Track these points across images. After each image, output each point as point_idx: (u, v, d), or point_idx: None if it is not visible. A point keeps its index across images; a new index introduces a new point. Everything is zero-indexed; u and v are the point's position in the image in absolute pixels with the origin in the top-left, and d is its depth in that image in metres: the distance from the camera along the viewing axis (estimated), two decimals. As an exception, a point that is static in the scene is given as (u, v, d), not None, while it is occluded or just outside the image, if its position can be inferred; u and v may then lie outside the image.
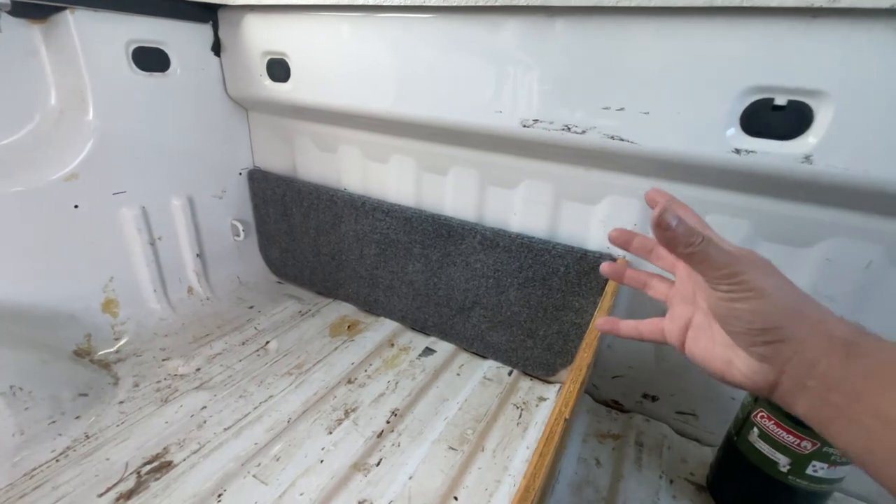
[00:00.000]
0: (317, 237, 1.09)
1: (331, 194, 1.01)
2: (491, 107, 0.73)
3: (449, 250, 0.90)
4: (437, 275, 0.94)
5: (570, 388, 0.44)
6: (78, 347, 0.87)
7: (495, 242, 0.84)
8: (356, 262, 1.05)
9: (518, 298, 0.86)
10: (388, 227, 0.95)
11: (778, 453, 0.57)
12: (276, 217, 1.14)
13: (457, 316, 0.96)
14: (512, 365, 0.93)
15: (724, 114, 0.57)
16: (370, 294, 1.07)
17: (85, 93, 0.81)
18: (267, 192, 1.12)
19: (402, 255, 0.96)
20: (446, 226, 0.88)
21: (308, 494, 0.65)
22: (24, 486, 0.64)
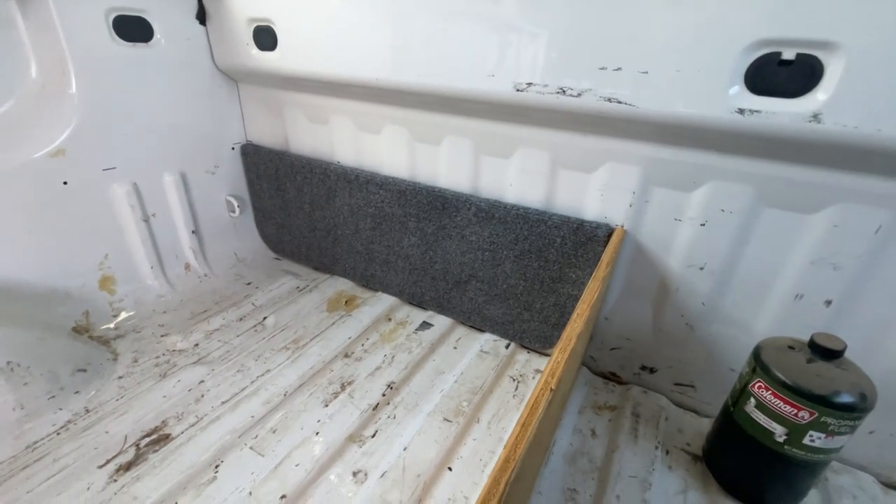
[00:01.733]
0: (311, 212, 1.07)
1: (324, 168, 0.99)
2: (483, 71, 0.69)
3: (444, 223, 0.88)
4: (433, 248, 0.93)
5: (557, 358, 0.43)
6: (76, 324, 0.88)
7: (490, 214, 0.82)
8: (352, 237, 1.04)
9: (514, 271, 0.85)
10: (383, 200, 0.94)
11: (774, 423, 0.56)
12: (271, 192, 1.12)
13: (453, 290, 0.95)
14: (509, 338, 0.93)
15: (728, 70, 0.54)
16: (367, 269, 1.06)
17: (66, 65, 0.78)
18: (260, 166, 1.10)
19: (398, 229, 0.95)
20: (441, 198, 0.86)
21: (304, 465, 0.66)
22: (27, 458, 0.65)
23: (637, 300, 0.80)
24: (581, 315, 0.50)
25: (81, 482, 0.63)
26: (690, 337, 0.78)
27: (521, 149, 0.78)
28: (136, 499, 0.60)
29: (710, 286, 0.71)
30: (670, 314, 0.78)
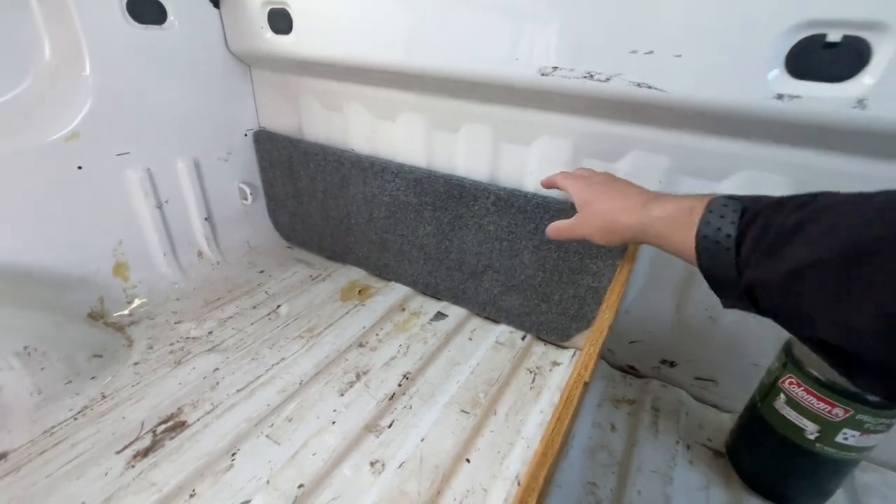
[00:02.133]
0: (324, 200, 1.06)
1: (337, 155, 0.97)
2: (507, 54, 0.67)
3: (461, 212, 0.86)
4: (449, 238, 0.91)
5: (589, 350, 0.42)
6: (92, 310, 0.87)
7: (510, 203, 0.79)
8: (365, 226, 1.02)
9: (532, 262, 0.82)
10: (398, 188, 0.92)
11: (806, 420, 0.55)
12: (283, 180, 1.11)
13: (469, 280, 0.93)
14: (525, 329, 0.91)
15: (768, 54, 0.52)
16: (380, 258, 1.05)
17: (80, 46, 0.77)
18: (273, 154, 1.08)
19: (413, 218, 0.93)
20: (458, 186, 0.84)
21: (320, 454, 0.65)
22: (45, 442, 0.65)
23: (659, 292, 0.78)
24: (611, 307, 0.49)
25: (99, 467, 0.62)
26: (713, 330, 0.76)
27: (542, 136, 0.76)
28: (154, 485, 0.60)
29: (736, 279, 0.69)
30: (693, 307, 0.76)
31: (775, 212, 0.35)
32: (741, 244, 0.36)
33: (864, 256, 0.27)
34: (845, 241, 0.29)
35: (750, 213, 0.36)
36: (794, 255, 0.31)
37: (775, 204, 0.36)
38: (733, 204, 0.38)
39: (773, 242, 0.33)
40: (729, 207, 0.38)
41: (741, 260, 0.36)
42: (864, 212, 0.29)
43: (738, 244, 0.36)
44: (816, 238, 0.30)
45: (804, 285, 0.30)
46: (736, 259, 0.36)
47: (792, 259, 0.31)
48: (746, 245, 0.35)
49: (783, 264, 0.32)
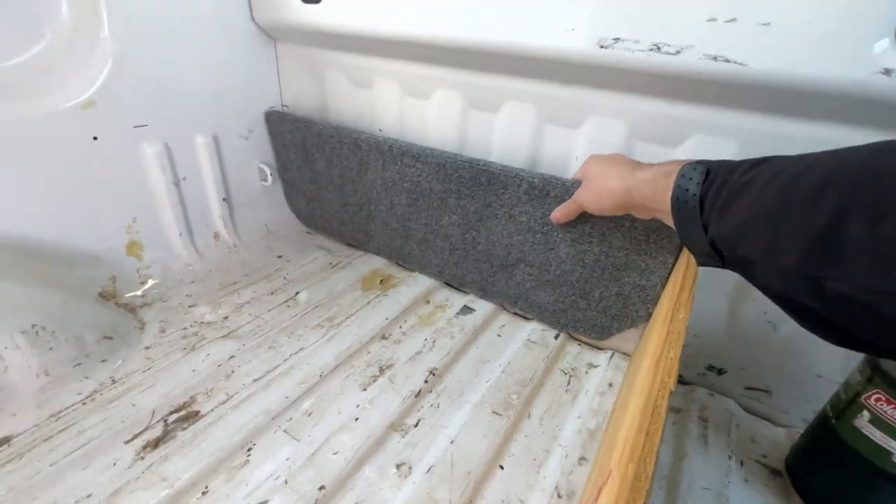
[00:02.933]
0: (342, 186, 0.99)
1: (354, 137, 0.90)
2: (560, 24, 0.61)
3: (489, 201, 0.79)
4: (476, 228, 0.84)
5: (671, 354, 0.36)
6: (103, 290, 0.83)
7: (545, 192, 0.72)
8: (386, 213, 0.96)
9: (570, 256, 0.75)
10: (419, 174, 0.85)
11: (894, 442, 0.48)
12: (299, 163, 1.04)
13: (498, 273, 0.87)
14: (560, 327, 0.85)
15: (875, 20, 0.45)
16: (403, 247, 0.99)
17: (98, 4, 0.72)
18: (286, 135, 1.02)
19: (436, 207, 0.87)
20: (486, 172, 0.76)
21: (343, 453, 0.60)
22: (50, 427, 0.61)
23: (711, 294, 0.72)
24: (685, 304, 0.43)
25: (107, 457, 0.58)
26: (772, 337, 0.69)
27: (592, 117, 0.70)
28: (164, 479, 0.55)
29: (805, 281, 0.63)
30: (750, 311, 0.69)
31: (731, 172, 0.38)
32: (703, 203, 0.39)
33: (788, 205, 0.31)
34: (775, 195, 0.32)
35: (712, 174, 0.40)
36: (740, 210, 0.35)
37: (734, 165, 0.39)
38: (700, 167, 0.41)
39: (725, 199, 0.37)
40: (697, 170, 0.41)
41: (704, 217, 0.39)
42: (798, 167, 0.32)
43: (702, 204, 0.40)
44: (757, 193, 0.34)
45: (748, 235, 0.34)
46: (701, 217, 0.40)
47: (738, 213, 0.35)
48: (707, 203, 0.39)
49: (732, 218, 0.36)
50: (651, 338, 0.51)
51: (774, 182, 0.33)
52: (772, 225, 0.32)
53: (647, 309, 0.70)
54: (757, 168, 0.36)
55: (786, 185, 0.32)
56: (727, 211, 0.36)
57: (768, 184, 0.33)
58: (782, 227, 0.31)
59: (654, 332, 0.50)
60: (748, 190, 0.35)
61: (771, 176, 0.34)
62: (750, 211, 0.34)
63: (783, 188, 0.32)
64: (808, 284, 0.30)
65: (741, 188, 0.36)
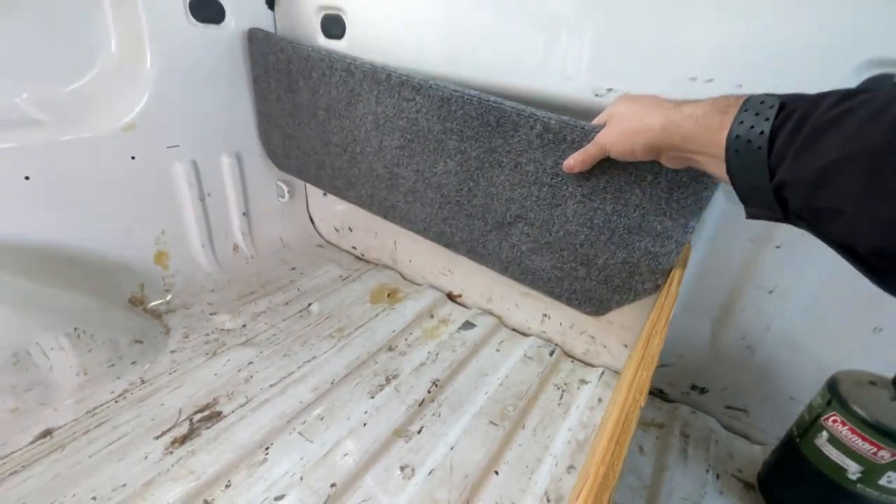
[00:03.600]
0: (326, 121, 0.88)
1: (348, 63, 0.80)
2: (562, 73, 0.68)
3: (495, 145, 0.70)
4: (475, 178, 0.75)
5: (642, 375, 0.42)
6: (132, 296, 0.90)
7: (561, 136, 0.63)
8: (373, 156, 0.85)
9: (578, 214, 0.67)
10: (418, 109, 0.75)
11: (849, 460, 0.54)
12: (279, 92, 0.93)
13: (492, 232, 0.78)
14: (554, 296, 0.77)
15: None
16: (387, 198, 0.88)
17: (143, 41, 0.80)
18: (269, 58, 0.90)
19: (432, 150, 0.76)
20: (497, 110, 0.67)
21: (352, 455, 0.66)
22: (88, 422, 0.67)
23: (695, 317, 0.78)
24: (659, 332, 0.49)
25: (139, 451, 0.64)
26: (750, 360, 0.75)
27: (588, 155, 0.76)
28: (192, 472, 0.61)
29: (778, 310, 0.69)
30: (731, 335, 0.75)
31: (815, 105, 0.32)
32: (774, 141, 0.34)
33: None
34: (883, 131, 0.27)
35: (788, 108, 0.34)
36: (830, 149, 0.30)
37: (817, 97, 0.33)
38: (770, 100, 0.36)
39: (808, 137, 0.32)
40: (766, 104, 0.36)
41: (773, 158, 0.34)
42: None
43: (772, 142, 0.34)
44: (854, 129, 0.29)
45: (838, 178, 0.29)
46: (768, 159, 0.34)
47: (826, 153, 0.30)
48: (780, 141, 0.34)
49: (817, 160, 0.30)
50: (632, 359, 0.57)
51: (881, 117, 0.28)
52: (877, 166, 0.27)
53: (656, 280, 0.64)
54: (850, 100, 0.31)
55: (894, 122, 0.27)
56: (810, 150, 0.31)
57: (871, 119, 0.28)
58: (890, 170, 0.27)
59: (636, 354, 0.57)
60: (842, 125, 0.30)
61: (874, 111, 0.28)
62: (844, 150, 0.29)
63: (890, 125, 0.27)
64: None
65: (832, 123, 0.30)
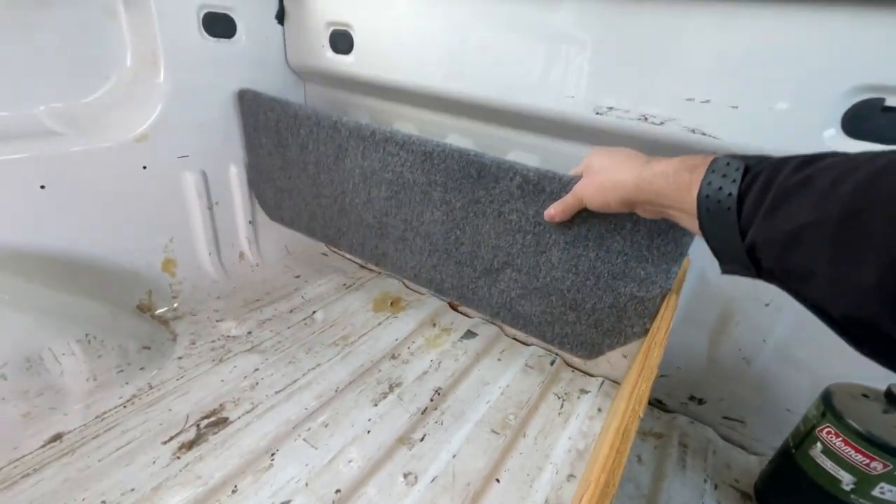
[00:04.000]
0: (316, 175, 0.92)
1: (334, 121, 0.84)
2: (563, 91, 0.70)
3: (478, 195, 0.72)
4: (461, 226, 0.77)
5: (641, 386, 0.44)
6: (141, 302, 0.91)
7: (540, 187, 0.66)
8: (362, 207, 0.88)
9: (563, 261, 0.69)
10: (402, 163, 0.78)
11: (842, 471, 0.56)
12: (270, 148, 0.97)
13: (481, 278, 0.80)
14: (546, 341, 0.79)
15: (824, 112, 0.54)
16: (378, 246, 0.90)
17: (157, 55, 0.82)
18: (259, 116, 0.95)
19: (418, 201, 0.79)
20: (477, 164, 0.70)
21: (356, 462, 0.67)
22: (97, 427, 0.69)
23: (693, 329, 0.80)
24: (659, 343, 0.51)
25: (147, 456, 0.65)
26: (746, 372, 0.77)
27: (589, 169, 0.78)
28: (199, 477, 0.63)
29: (773, 323, 0.71)
30: (727, 347, 0.77)
31: (778, 170, 0.34)
32: (743, 203, 0.35)
33: (864, 213, 0.27)
34: (845, 200, 0.28)
35: (753, 171, 0.36)
36: (796, 213, 0.31)
37: (779, 162, 0.35)
38: (736, 162, 0.37)
39: (774, 201, 0.33)
40: (731, 166, 0.37)
41: (743, 219, 0.35)
42: (867, 170, 0.28)
43: (740, 203, 0.35)
44: (817, 197, 0.30)
45: (806, 242, 0.30)
46: (738, 219, 0.35)
47: (792, 217, 0.31)
48: (748, 204, 0.35)
49: (785, 222, 0.31)
50: (632, 370, 0.59)
51: (842, 183, 0.29)
52: (843, 232, 0.28)
53: (644, 324, 0.65)
54: (811, 166, 0.32)
55: (859, 188, 0.28)
56: (778, 214, 0.32)
57: (834, 185, 0.29)
58: (858, 237, 0.27)
59: (636, 365, 0.58)
60: (805, 190, 0.31)
61: (836, 176, 0.30)
62: (811, 215, 0.30)
63: (855, 191, 0.28)
64: (890, 306, 0.26)
65: (795, 188, 0.31)
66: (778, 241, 0.32)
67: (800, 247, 0.31)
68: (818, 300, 0.32)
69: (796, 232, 0.31)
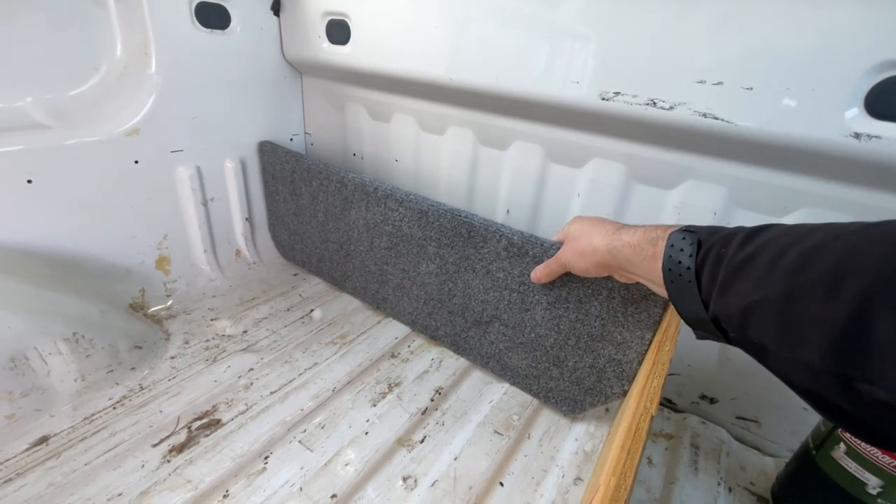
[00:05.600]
0: (325, 222, 0.99)
1: (341, 176, 0.90)
2: (567, 76, 0.67)
3: (468, 253, 0.78)
4: (453, 279, 0.82)
5: (654, 383, 0.41)
6: (133, 301, 0.89)
7: (523, 250, 0.70)
8: (365, 255, 0.95)
9: (546, 320, 0.72)
10: (401, 218, 0.84)
11: (868, 473, 0.52)
12: (285, 195, 1.05)
13: (472, 329, 0.84)
14: (533, 394, 0.81)
15: (846, 91, 0.51)
16: (378, 291, 0.97)
17: (149, 46, 0.80)
18: (276, 167, 1.04)
19: (415, 253, 0.85)
20: (466, 224, 0.75)
21: (353, 465, 0.65)
22: (85, 429, 0.66)
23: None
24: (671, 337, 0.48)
25: (136, 459, 0.63)
26: (759, 370, 0.72)
27: (594, 159, 0.75)
28: (189, 482, 0.60)
29: (790, 318, 0.67)
30: (740, 344, 0.74)
31: (724, 246, 0.36)
32: (700, 278, 0.37)
33: (800, 294, 0.28)
34: (783, 279, 0.29)
35: (705, 246, 0.37)
36: (743, 292, 0.32)
37: (726, 237, 0.36)
38: (690, 237, 0.39)
39: (725, 279, 0.34)
40: (686, 241, 0.39)
41: (703, 293, 0.36)
42: (804, 245, 0.30)
43: (699, 277, 0.37)
44: (760, 275, 0.31)
45: (755, 321, 0.31)
46: (699, 292, 0.37)
47: (742, 295, 0.32)
48: (704, 279, 0.36)
49: (736, 300, 0.33)
50: (643, 368, 0.56)
51: (780, 262, 0.30)
52: (785, 313, 0.29)
53: (623, 386, 0.66)
54: (754, 242, 0.33)
55: (794, 269, 0.29)
56: (728, 291, 0.34)
57: (773, 265, 0.31)
58: (798, 318, 0.28)
59: (646, 364, 0.55)
60: (749, 269, 0.32)
61: (774, 255, 0.31)
62: (756, 294, 0.31)
63: (791, 272, 0.29)
64: (836, 383, 0.27)
65: (741, 266, 0.33)
66: (734, 317, 0.33)
67: (751, 325, 0.32)
68: (778, 374, 0.32)
69: (747, 310, 0.32)
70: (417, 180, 1.02)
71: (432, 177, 0.98)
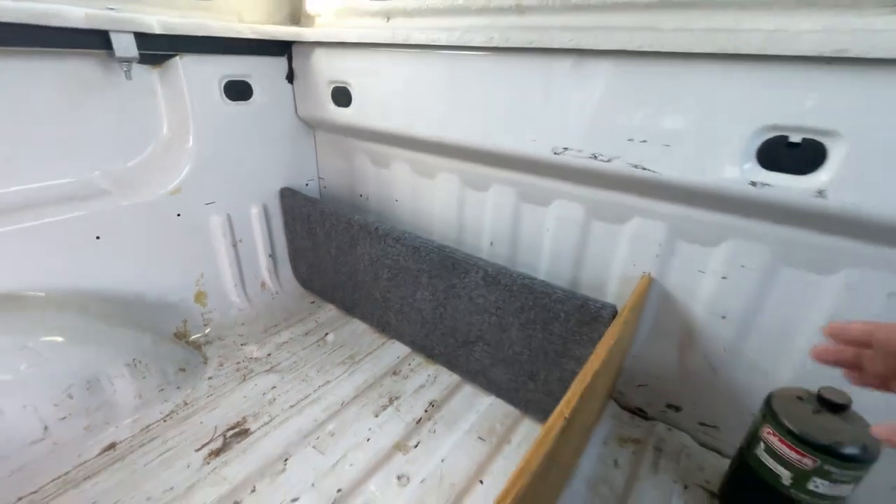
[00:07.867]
0: (337, 256, 1.15)
1: (348, 218, 1.07)
2: (526, 135, 0.80)
3: (454, 282, 0.91)
4: (444, 305, 0.95)
5: (575, 388, 0.52)
6: (177, 330, 1.06)
7: (497, 280, 0.83)
8: (370, 284, 1.10)
9: (520, 338, 0.85)
10: (399, 253, 0.99)
11: (781, 468, 0.61)
12: (303, 234, 1.22)
13: (461, 348, 0.96)
14: (514, 405, 0.92)
15: (742, 149, 0.62)
16: (383, 315, 1.12)
17: (188, 123, 0.98)
18: (295, 210, 1.21)
19: (412, 283, 0.99)
20: (451, 258, 0.89)
21: (356, 466, 0.77)
22: (143, 437, 0.82)
23: (664, 341, 0.86)
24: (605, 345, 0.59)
25: (182, 461, 0.78)
26: (714, 380, 0.83)
27: (558, 200, 0.88)
28: (225, 479, 0.74)
29: (731, 334, 0.77)
30: (695, 357, 0.83)
31: None
32: None
33: None
34: None
35: None
36: None
37: None
38: None
39: None
40: None
41: None
42: None
43: None
44: None
45: None
46: None
47: None
48: None
49: None
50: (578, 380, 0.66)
51: None
52: None
53: None
54: None
55: None
56: None
57: None
58: None
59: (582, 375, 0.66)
60: None
61: None
62: None
63: None
64: None
65: None
66: None
67: None
68: None
69: None
70: (415, 216, 1.16)
71: (427, 214, 1.12)
